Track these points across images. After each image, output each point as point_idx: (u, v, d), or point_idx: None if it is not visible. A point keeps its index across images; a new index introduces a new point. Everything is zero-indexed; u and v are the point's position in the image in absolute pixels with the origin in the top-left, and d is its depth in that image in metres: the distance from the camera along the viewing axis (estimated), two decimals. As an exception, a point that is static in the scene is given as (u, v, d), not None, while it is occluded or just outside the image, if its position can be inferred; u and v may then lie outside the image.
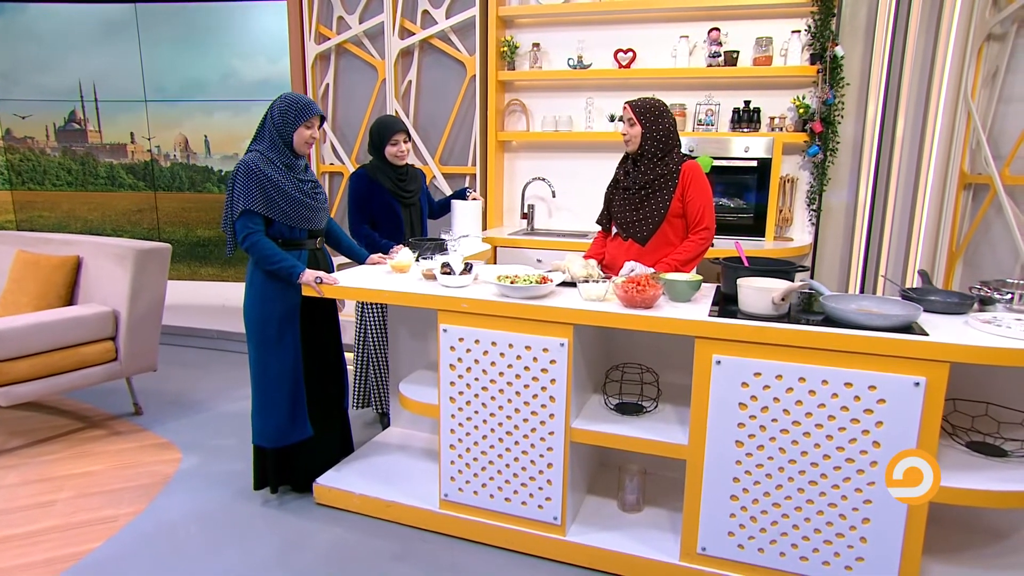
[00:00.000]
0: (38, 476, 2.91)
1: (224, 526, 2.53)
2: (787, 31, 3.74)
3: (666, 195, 2.55)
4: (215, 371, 4.32)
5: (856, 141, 3.83)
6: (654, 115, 2.53)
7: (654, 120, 2.53)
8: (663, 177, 2.55)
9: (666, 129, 2.54)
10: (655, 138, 2.53)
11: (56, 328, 3.08)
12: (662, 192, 2.55)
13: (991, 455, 2.01)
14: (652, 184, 2.55)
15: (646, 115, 2.53)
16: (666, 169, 2.55)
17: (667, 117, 2.56)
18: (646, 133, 2.53)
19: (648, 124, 2.53)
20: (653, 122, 2.53)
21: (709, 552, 2.13)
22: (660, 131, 2.53)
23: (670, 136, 2.55)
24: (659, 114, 2.54)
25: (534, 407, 2.26)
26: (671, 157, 2.57)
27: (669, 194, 2.55)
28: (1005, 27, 3.53)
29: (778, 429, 1.98)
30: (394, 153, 3.11)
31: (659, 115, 2.54)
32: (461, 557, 2.35)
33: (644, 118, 2.53)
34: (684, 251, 2.54)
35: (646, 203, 2.57)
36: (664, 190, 2.55)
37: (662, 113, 2.55)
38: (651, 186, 2.56)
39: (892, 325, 1.88)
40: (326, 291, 2.48)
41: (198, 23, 4.78)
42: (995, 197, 3.48)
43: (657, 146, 2.54)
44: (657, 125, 2.53)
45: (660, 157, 2.56)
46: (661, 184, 2.55)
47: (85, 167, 5.24)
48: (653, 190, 2.56)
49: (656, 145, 2.54)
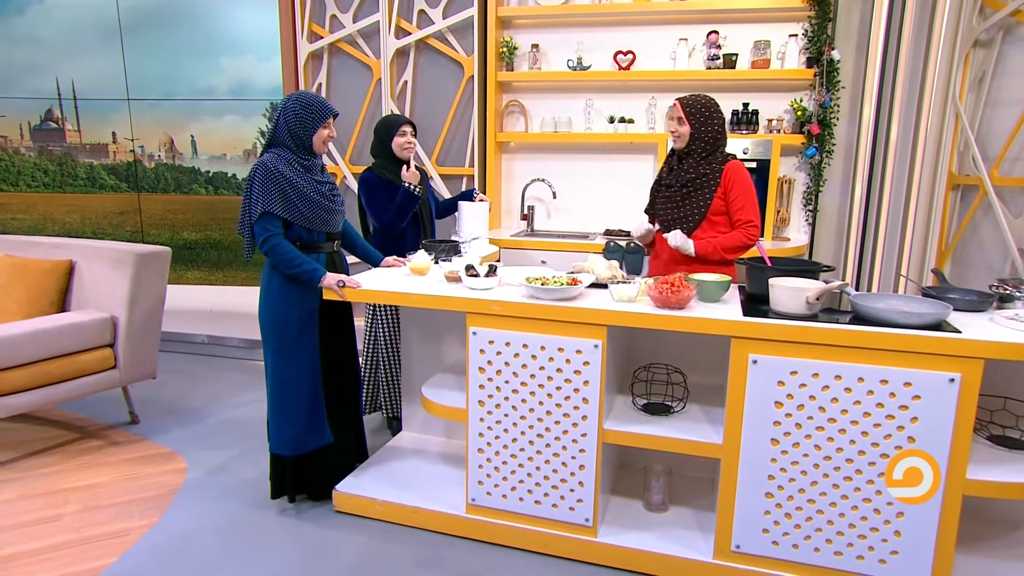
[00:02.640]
0: (39, 490, 2.78)
1: (243, 537, 2.46)
2: (784, 35, 3.81)
3: (707, 194, 2.55)
4: (209, 377, 4.21)
5: (850, 143, 3.93)
6: (705, 115, 2.51)
7: (705, 120, 2.51)
8: (705, 176, 2.54)
9: (715, 129, 2.52)
10: (703, 138, 2.52)
11: (53, 336, 2.95)
12: (703, 191, 2.55)
13: (1014, 448, 2.08)
14: (693, 183, 2.55)
15: (697, 115, 2.51)
16: (709, 168, 2.54)
17: (717, 117, 2.53)
18: (695, 133, 2.51)
19: (698, 124, 2.51)
20: (703, 123, 2.51)
21: (743, 549, 2.15)
22: (709, 132, 2.51)
23: (719, 136, 2.54)
24: (710, 114, 2.51)
25: (566, 409, 2.25)
26: (716, 156, 2.56)
27: (711, 193, 2.54)
28: (991, 34, 3.66)
29: (813, 426, 2.01)
30: (402, 144, 3.07)
31: (710, 115, 2.51)
32: (491, 561, 2.33)
33: (694, 118, 2.50)
34: (729, 239, 2.52)
35: (687, 201, 2.57)
36: (705, 189, 2.55)
37: (713, 113, 2.52)
38: (692, 184, 2.56)
39: (925, 323, 1.93)
40: (349, 295, 2.43)
41: (184, 19, 4.65)
42: (984, 197, 3.60)
43: (704, 146, 2.53)
44: (707, 125, 2.51)
45: (705, 156, 2.55)
46: (703, 183, 2.55)
47: (63, 167, 5.05)
48: (694, 188, 2.56)
49: (703, 145, 2.53)
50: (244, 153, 4.77)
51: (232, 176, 4.82)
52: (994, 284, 2.23)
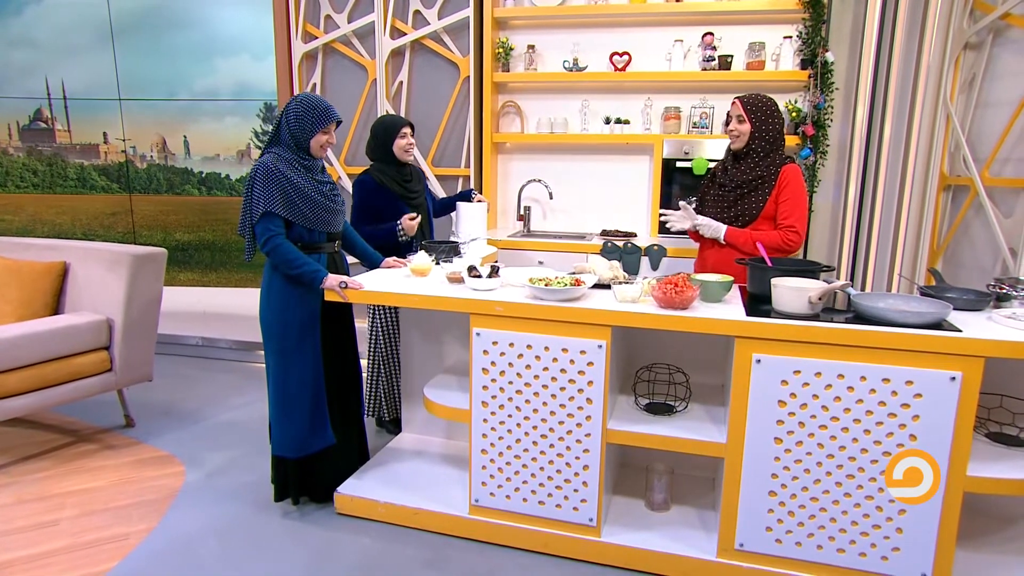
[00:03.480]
0: (34, 495, 2.75)
1: (245, 540, 2.45)
2: (779, 37, 3.84)
3: (761, 197, 2.49)
4: (203, 380, 4.17)
5: (843, 144, 3.97)
6: (766, 114, 2.46)
7: (765, 119, 2.46)
8: (760, 179, 2.49)
9: (775, 129, 2.47)
10: (763, 137, 2.47)
11: (48, 338, 2.92)
12: (757, 193, 2.49)
13: (1012, 445, 2.11)
14: (748, 184, 2.50)
15: (758, 113, 2.46)
16: (766, 171, 2.48)
17: (777, 116, 2.48)
18: (755, 132, 2.46)
19: (759, 123, 2.45)
20: (764, 121, 2.46)
21: (747, 548, 2.17)
22: (770, 131, 2.46)
23: (779, 135, 2.48)
24: (771, 113, 2.47)
25: (570, 409, 2.26)
26: (773, 157, 2.50)
27: (764, 196, 2.48)
28: (981, 37, 3.70)
29: (816, 425, 2.03)
30: (403, 147, 3.07)
31: (771, 114, 2.47)
32: (497, 561, 2.34)
33: (755, 116, 2.45)
34: (769, 238, 2.46)
35: (740, 203, 2.52)
36: (760, 191, 2.49)
37: (773, 112, 2.47)
38: (747, 186, 2.50)
39: (926, 322, 1.95)
40: (351, 296, 2.42)
41: (177, 19, 4.61)
42: (975, 198, 3.65)
43: (763, 145, 2.48)
44: (768, 124, 2.46)
45: (763, 156, 2.49)
46: (758, 185, 2.49)
47: (53, 168, 4.99)
48: (749, 190, 2.50)
49: (763, 145, 2.48)
50: (238, 154, 4.73)
51: (225, 177, 4.79)
52: (991, 283, 2.26)
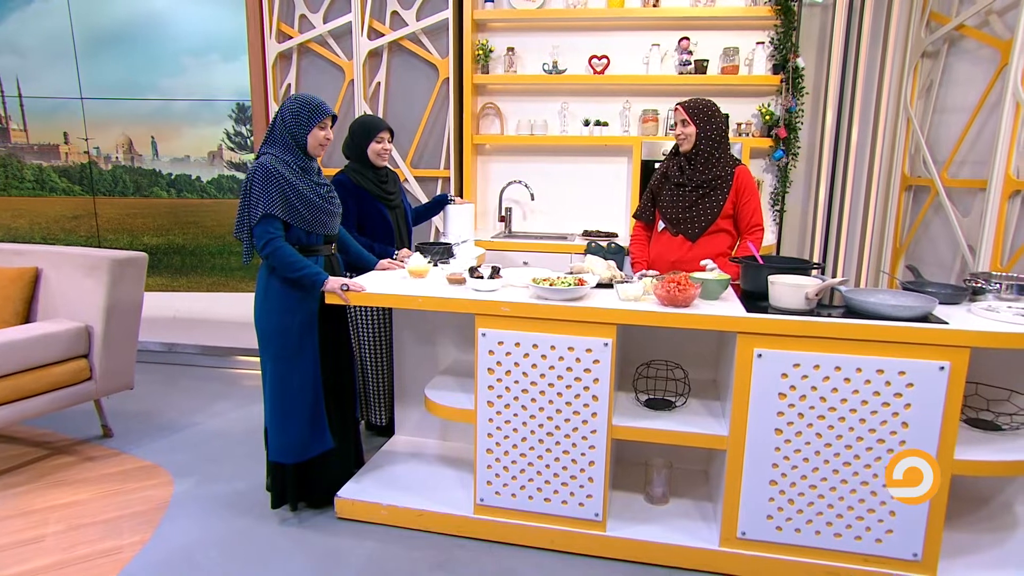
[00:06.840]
0: (13, 511, 2.64)
1: (246, 550, 2.40)
2: (752, 42, 3.98)
3: (720, 196, 2.69)
4: (181, 386, 4.06)
5: (813, 146, 4.13)
6: (707, 115, 2.65)
7: (707, 120, 2.65)
8: (719, 178, 2.68)
9: (718, 128, 2.67)
10: (709, 137, 2.66)
11: (24, 347, 2.80)
12: (717, 192, 2.69)
13: (989, 430, 2.25)
14: (709, 184, 2.68)
15: (699, 115, 2.65)
16: (722, 171, 2.69)
17: (719, 116, 2.68)
18: (700, 132, 2.65)
19: (702, 124, 2.65)
20: (706, 121, 2.65)
21: (748, 536, 2.25)
22: (714, 130, 2.66)
23: (723, 135, 2.68)
24: (711, 114, 2.66)
25: (576, 407, 2.30)
26: (726, 159, 2.70)
27: (723, 195, 2.69)
28: (937, 46, 3.91)
29: (815, 415, 2.12)
30: (378, 151, 3.00)
31: (711, 115, 2.66)
32: (506, 561, 2.36)
33: (697, 118, 2.65)
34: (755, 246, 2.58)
35: (701, 201, 2.69)
36: (719, 191, 2.69)
37: (714, 113, 2.67)
38: (708, 185, 2.69)
39: (915, 315, 2.06)
40: (352, 298, 2.41)
41: (145, 18, 4.46)
42: (935, 198, 3.85)
43: (712, 144, 2.67)
44: (710, 124, 2.65)
45: (716, 157, 2.68)
46: (717, 184, 2.69)
47: (7, 169, 4.76)
48: (709, 189, 2.69)
49: (711, 144, 2.67)
50: (209, 155, 4.62)
51: (196, 179, 4.66)
52: (967, 278, 2.41)
